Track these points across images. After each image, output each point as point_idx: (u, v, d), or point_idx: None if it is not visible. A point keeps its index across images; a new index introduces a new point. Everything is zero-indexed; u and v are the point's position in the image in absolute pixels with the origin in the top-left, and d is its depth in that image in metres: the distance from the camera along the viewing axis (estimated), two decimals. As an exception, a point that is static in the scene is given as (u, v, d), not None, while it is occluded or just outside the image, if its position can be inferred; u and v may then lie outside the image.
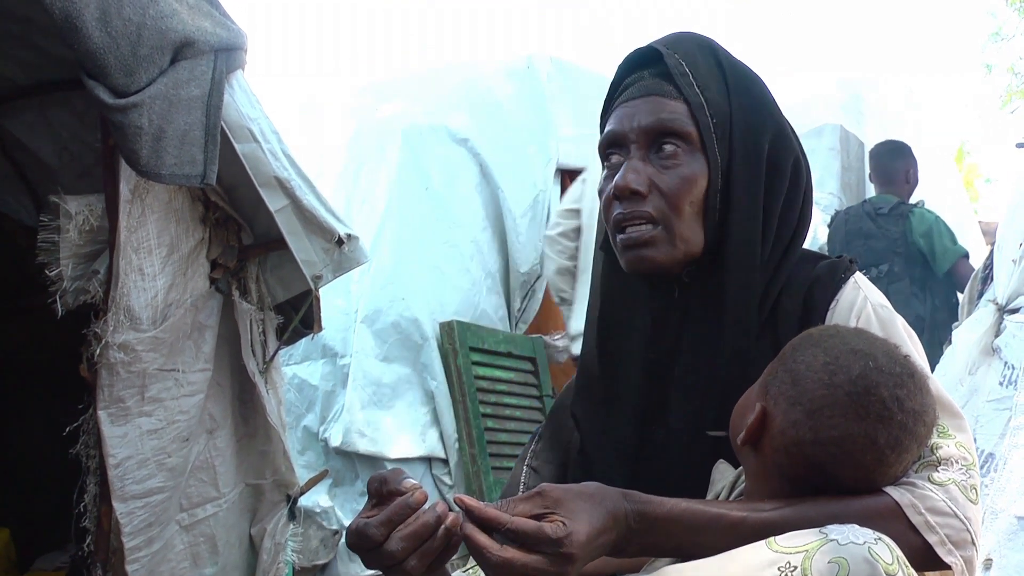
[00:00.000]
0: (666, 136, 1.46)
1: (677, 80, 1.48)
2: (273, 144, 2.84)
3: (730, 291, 1.47)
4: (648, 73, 1.52)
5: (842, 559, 1.10)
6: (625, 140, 1.49)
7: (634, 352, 1.54)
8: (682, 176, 1.46)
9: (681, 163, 1.46)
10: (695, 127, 1.47)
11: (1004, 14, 14.21)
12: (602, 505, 1.22)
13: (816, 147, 6.51)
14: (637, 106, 1.49)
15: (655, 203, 1.45)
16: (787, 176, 1.52)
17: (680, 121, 1.47)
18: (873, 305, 1.47)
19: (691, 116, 1.47)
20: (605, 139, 1.52)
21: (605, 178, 1.52)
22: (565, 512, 1.19)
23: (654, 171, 1.46)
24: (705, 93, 1.48)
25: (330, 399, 4.33)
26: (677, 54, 1.50)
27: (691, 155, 1.47)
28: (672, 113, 1.47)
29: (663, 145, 1.46)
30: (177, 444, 2.75)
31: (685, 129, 1.46)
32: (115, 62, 2.28)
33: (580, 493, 1.22)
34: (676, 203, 1.45)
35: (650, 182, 1.45)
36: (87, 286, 2.51)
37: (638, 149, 1.47)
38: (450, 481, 4.25)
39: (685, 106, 1.47)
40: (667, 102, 1.48)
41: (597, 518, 1.20)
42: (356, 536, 1.21)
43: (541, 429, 1.71)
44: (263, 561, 3.18)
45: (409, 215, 4.58)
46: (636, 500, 1.25)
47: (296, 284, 3.13)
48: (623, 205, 1.46)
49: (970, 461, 1.31)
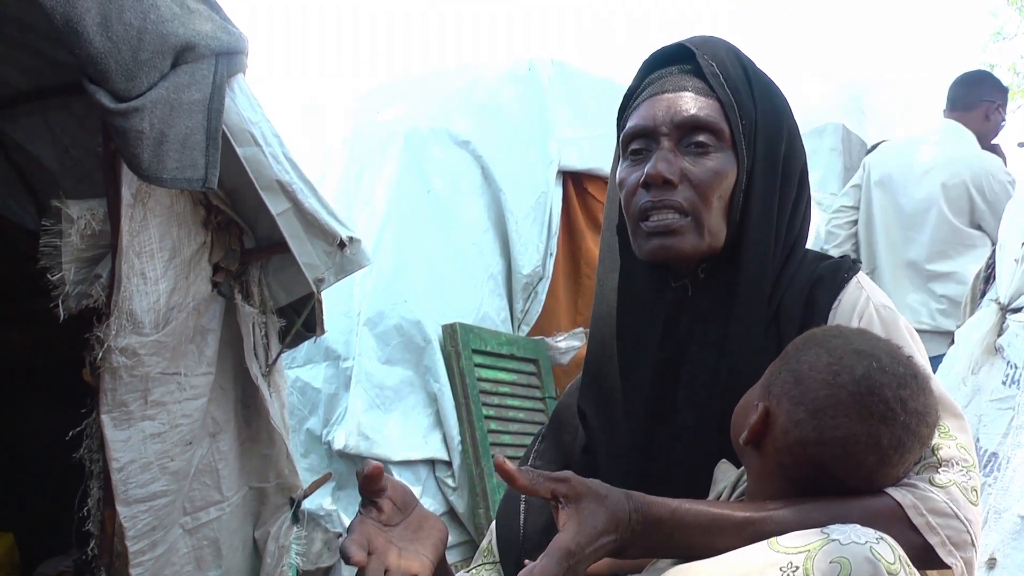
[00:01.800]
0: (700, 130, 1.48)
1: (709, 80, 1.51)
2: (275, 147, 2.84)
3: (741, 291, 1.48)
4: (678, 69, 1.54)
5: (844, 559, 1.10)
6: (656, 132, 1.50)
7: (645, 350, 1.54)
8: (713, 169, 1.48)
9: (712, 157, 1.48)
10: (727, 125, 1.49)
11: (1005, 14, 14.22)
12: (606, 507, 1.22)
13: (818, 147, 6.51)
14: (670, 99, 1.51)
15: (685, 194, 1.47)
16: (795, 182, 1.55)
17: (714, 118, 1.49)
18: (876, 305, 1.47)
19: (723, 114, 1.49)
20: (632, 130, 1.53)
21: (627, 167, 1.53)
22: (576, 510, 1.20)
23: (685, 163, 1.48)
24: (735, 95, 1.51)
25: (333, 402, 4.33)
26: (707, 54, 1.53)
27: (722, 151, 1.49)
28: (706, 109, 1.49)
29: (696, 138, 1.48)
30: (180, 448, 2.75)
31: (719, 126, 1.49)
32: (116, 67, 2.28)
33: (594, 492, 1.23)
34: (706, 195, 1.47)
35: (681, 173, 1.47)
36: (89, 290, 2.51)
37: (669, 141, 1.49)
38: (453, 484, 4.25)
39: (718, 104, 1.50)
40: (701, 98, 1.50)
41: (600, 521, 1.21)
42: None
43: (544, 430, 1.72)
44: (267, 564, 3.18)
45: (411, 218, 4.58)
46: (639, 501, 1.25)
47: (298, 287, 3.13)
48: (652, 193, 1.47)
49: (971, 463, 1.31)
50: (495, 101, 4.98)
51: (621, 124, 1.58)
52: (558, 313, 4.95)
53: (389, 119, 4.95)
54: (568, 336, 4.84)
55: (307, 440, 4.33)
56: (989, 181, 4.41)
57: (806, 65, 16.09)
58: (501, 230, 4.74)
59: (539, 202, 4.82)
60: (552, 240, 4.83)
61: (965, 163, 4.45)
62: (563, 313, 4.97)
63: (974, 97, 4.66)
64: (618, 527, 1.22)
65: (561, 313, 4.96)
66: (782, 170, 1.52)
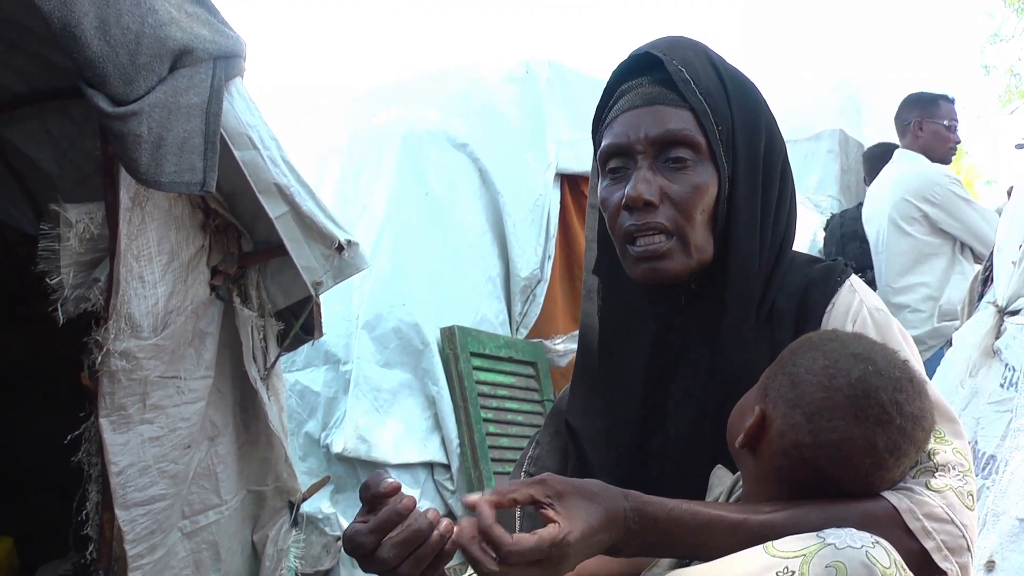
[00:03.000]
0: (676, 145, 1.45)
1: (680, 87, 1.46)
2: (272, 151, 2.84)
3: (731, 298, 1.47)
4: (648, 80, 1.49)
5: (840, 563, 1.10)
6: (631, 150, 1.46)
7: (636, 360, 1.54)
8: (693, 185, 1.45)
9: (691, 172, 1.45)
10: (703, 136, 1.46)
11: (1002, 15, 14.21)
12: (601, 504, 1.22)
13: (815, 150, 6.53)
14: (641, 115, 1.47)
15: (667, 213, 1.44)
16: (777, 178, 1.52)
17: (688, 130, 1.45)
18: (869, 308, 1.47)
19: (698, 124, 1.46)
20: (608, 149, 1.50)
21: (607, 187, 1.50)
22: (563, 507, 1.20)
23: (664, 181, 1.45)
24: (708, 100, 1.47)
25: (332, 406, 4.33)
26: (675, 60, 1.48)
27: (700, 164, 1.46)
28: (680, 122, 1.45)
29: (672, 154, 1.45)
30: (179, 451, 2.75)
31: (695, 138, 1.45)
32: (114, 71, 2.28)
33: (581, 489, 1.22)
34: (688, 212, 1.44)
35: (661, 192, 1.44)
36: (88, 294, 2.51)
37: (645, 159, 1.46)
38: (452, 486, 4.25)
39: (691, 114, 1.46)
40: (673, 110, 1.46)
41: (594, 517, 1.20)
42: (349, 543, 1.21)
43: (539, 434, 1.71)
44: (265, 568, 3.18)
45: (409, 220, 4.58)
46: (637, 500, 1.25)
47: (296, 290, 3.14)
48: (634, 216, 1.45)
49: (966, 467, 1.31)
50: (492, 103, 4.98)
51: (596, 140, 1.55)
52: (556, 316, 4.95)
53: (386, 122, 4.95)
54: (566, 339, 4.84)
55: (306, 443, 4.33)
56: (931, 188, 4.67)
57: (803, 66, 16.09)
58: (499, 233, 4.74)
59: (537, 205, 4.82)
60: (550, 243, 4.84)
61: (906, 180, 4.75)
62: (561, 316, 4.97)
63: (900, 121, 4.98)
64: (611, 524, 1.21)
65: (559, 316, 4.96)
66: (763, 169, 1.50)
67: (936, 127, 4.85)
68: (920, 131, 4.85)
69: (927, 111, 4.87)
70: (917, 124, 4.85)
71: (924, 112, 4.87)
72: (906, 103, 5.00)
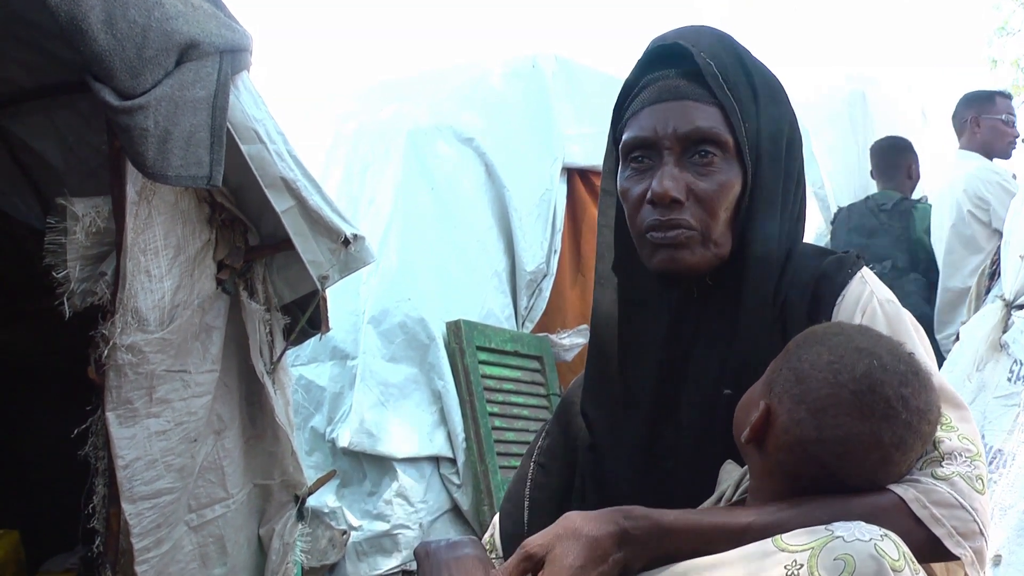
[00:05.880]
0: (704, 142, 1.44)
1: (709, 82, 1.45)
2: (279, 145, 2.84)
3: (747, 293, 1.46)
4: (675, 72, 1.48)
5: (848, 556, 1.10)
6: (658, 144, 1.45)
7: (650, 352, 1.53)
8: (720, 183, 1.44)
9: (718, 170, 1.44)
10: (730, 133, 1.45)
11: (1009, 8, 14.14)
12: (584, 537, 1.23)
13: (821, 143, 6.50)
14: (670, 109, 1.45)
15: (692, 210, 1.43)
16: (796, 175, 1.53)
17: (717, 128, 1.44)
18: (879, 300, 1.46)
19: (725, 121, 1.45)
20: (633, 141, 1.48)
21: (629, 178, 1.49)
22: (550, 563, 1.23)
23: (691, 178, 1.44)
24: (736, 97, 1.46)
25: (338, 400, 4.34)
26: (704, 52, 1.47)
27: (727, 162, 1.45)
28: (709, 120, 1.44)
29: (699, 151, 1.44)
30: (185, 445, 2.76)
31: (723, 137, 1.44)
32: (120, 64, 2.28)
33: (560, 535, 1.25)
34: (713, 210, 1.43)
35: (688, 189, 1.43)
36: (94, 288, 2.51)
37: (672, 155, 1.44)
38: (458, 480, 4.25)
39: (719, 111, 1.45)
40: (701, 107, 1.45)
41: (581, 555, 1.22)
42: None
43: (548, 426, 1.71)
44: (272, 561, 3.18)
45: (415, 215, 4.57)
46: (638, 516, 1.25)
47: (303, 285, 3.14)
48: (659, 211, 1.44)
49: (974, 452, 1.30)
50: (499, 98, 4.97)
51: (619, 126, 1.53)
52: (562, 310, 4.95)
53: (392, 116, 4.95)
54: (572, 333, 4.84)
55: (312, 438, 4.34)
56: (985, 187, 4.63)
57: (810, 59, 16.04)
58: (505, 227, 4.74)
59: (543, 199, 4.82)
60: (556, 237, 4.83)
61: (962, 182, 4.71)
62: (567, 310, 4.97)
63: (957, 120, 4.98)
64: (605, 549, 1.23)
65: (565, 310, 4.96)
66: (784, 166, 1.50)
67: (994, 122, 4.83)
68: (977, 127, 4.81)
69: (984, 107, 4.84)
70: (974, 121, 4.81)
71: (981, 108, 4.84)
72: (962, 102, 4.96)
